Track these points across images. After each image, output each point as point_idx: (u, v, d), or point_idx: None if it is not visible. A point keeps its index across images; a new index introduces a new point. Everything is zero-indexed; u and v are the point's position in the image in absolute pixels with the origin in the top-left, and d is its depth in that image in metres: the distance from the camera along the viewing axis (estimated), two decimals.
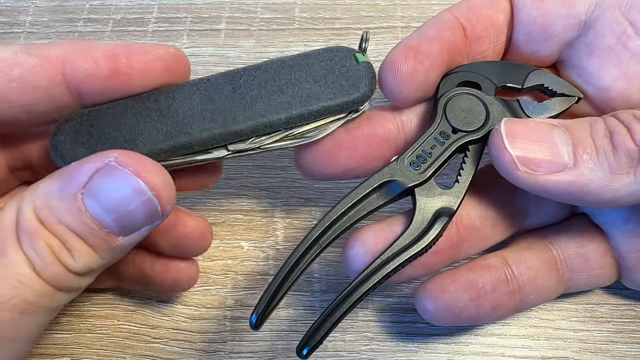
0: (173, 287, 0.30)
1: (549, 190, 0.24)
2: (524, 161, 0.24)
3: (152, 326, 0.31)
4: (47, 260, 0.21)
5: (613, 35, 0.27)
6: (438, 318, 0.28)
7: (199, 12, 0.40)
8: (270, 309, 0.24)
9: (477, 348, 0.31)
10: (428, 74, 0.27)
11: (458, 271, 0.28)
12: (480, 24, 0.28)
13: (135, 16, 0.40)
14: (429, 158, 0.26)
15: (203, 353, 0.31)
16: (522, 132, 0.25)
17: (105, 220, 0.22)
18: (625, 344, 0.30)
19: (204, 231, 0.28)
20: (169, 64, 0.25)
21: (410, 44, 0.27)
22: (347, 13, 0.40)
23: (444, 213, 0.26)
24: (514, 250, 0.29)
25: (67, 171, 0.22)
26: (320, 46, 0.35)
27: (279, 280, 0.24)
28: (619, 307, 0.31)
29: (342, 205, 0.26)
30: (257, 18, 0.40)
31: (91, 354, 0.31)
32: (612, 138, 0.24)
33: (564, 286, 0.29)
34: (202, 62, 0.38)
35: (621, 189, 0.24)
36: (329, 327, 0.24)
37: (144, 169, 0.22)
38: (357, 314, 0.32)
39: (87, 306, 0.32)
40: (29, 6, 0.41)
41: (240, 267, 0.33)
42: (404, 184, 0.26)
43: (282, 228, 0.34)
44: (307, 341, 0.24)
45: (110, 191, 0.22)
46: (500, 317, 0.29)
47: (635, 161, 0.23)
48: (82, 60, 0.24)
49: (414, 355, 0.31)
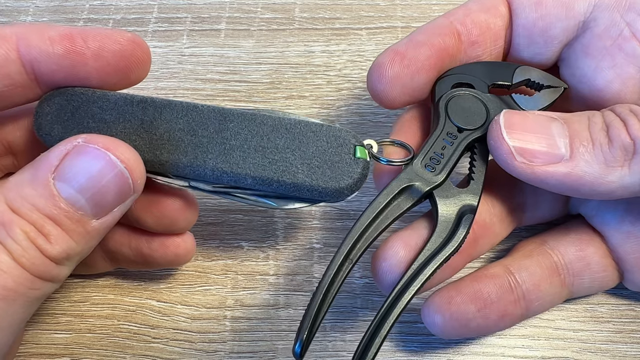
0: (173, 262, 0.30)
1: (545, 180, 0.25)
2: (521, 152, 0.25)
3: (152, 326, 0.31)
4: (23, 245, 0.21)
5: (609, 36, 0.27)
6: (447, 331, 0.28)
7: (199, 12, 0.40)
8: (312, 334, 0.24)
9: (477, 348, 0.31)
10: (414, 79, 0.27)
11: (462, 282, 0.28)
12: (476, 28, 0.28)
13: (135, 16, 0.40)
14: (442, 159, 0.27)
15: (203, 353, 0.31)
16: (520, 124, 0.25)
17: (78, 201, 0.22)
18: (625, 344, 0.30)
19: (186, 202, 0.28)
20: (125, 48, 0.25)
21: (397, 49, 0.27)
22: (347, 13, 0.40)
23: (467, 211, 0.26)
24: (515, 258, 0.29)
25: (36, 160, 0.23)
26: (320, 46, 0.35)
27: (317, 302, 0.24)
28: (619, 307, 0.31)
29: (366, 217, 0.25)
30: (257, 18, 0.40)
31: (91, 354, 0.31)
32: (609, 131, 0.24)
33: (567, 291, 0.30)
34: (202, 62, 0.38)
35: (615, 181, 0.24)
36: (378, 345, 0.24)
37: (113, 144, 0.23)
38: (357, 314, 0.32)
39: (87, 306, 0.32)
40: (29, 6, 0.41)
41: (240, 267, 0.33)
42: (423, 188, 0.26)
43: (282, 228, 0.34)
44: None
45: (81, 169, 0.22)
46: (507, 326, 0.29)
47: (629, 154, 0.24)
48: (37, 39, 0.24)
49: (414, 355, 0.31)
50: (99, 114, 0.25)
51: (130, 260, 0.30)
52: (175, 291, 0.32)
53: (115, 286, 0.32)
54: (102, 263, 0.30)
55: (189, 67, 0.38)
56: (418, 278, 0.25)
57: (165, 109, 0.26)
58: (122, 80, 0.26)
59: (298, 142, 0.26)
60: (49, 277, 0.23)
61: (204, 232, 0.34)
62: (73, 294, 0.32)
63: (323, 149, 0.26)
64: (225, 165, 0.25)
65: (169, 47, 0.39)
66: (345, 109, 0.37)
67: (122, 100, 0.26)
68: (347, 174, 0.25)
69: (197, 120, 0.26)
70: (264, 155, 0.25)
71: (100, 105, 0.25)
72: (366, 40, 0.39)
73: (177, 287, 0.32)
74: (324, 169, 0.25)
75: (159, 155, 0.25)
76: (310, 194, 0.25)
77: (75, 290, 0.32)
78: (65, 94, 0.25)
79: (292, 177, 0.25)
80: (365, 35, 0.39)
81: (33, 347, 0.31)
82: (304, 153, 0.26)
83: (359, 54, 0.39)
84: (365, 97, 0.37)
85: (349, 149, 0.26)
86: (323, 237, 0.33)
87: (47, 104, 0.25)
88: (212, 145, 0.25)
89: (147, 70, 0.27)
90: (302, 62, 0.38)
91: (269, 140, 0.26)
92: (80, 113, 0.25)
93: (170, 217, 0.28)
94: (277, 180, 0.25)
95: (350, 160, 0.26)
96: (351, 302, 0.32)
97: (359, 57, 0.38)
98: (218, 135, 0.26)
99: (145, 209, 0.28)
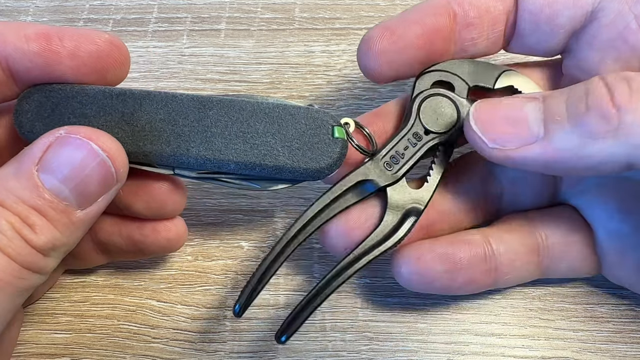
0: (166, 247, 0.30)
1: (522, 163, 0.25)
2: (493, 138, 0.25)
3: (152, 326, 0.31)
4: (9, 235, 0.22)
5: (615, 28, 0.26)
6: (410, 283, 0.28)
7: (199, 12, 0.40)
8: (251, 300, 0.26)
9: (477, 348, 0.31)
10: (401, 56, 0.27)
11: (438, 241, 0.29)
12: (474, 10, 0.27)
13: (135, 16, 0.40)
14: (402, 159, 0.28)
15: (203, 353, 0.31)
16: (491, 111, 0.26)
17: (62, 192, 0.23)
18: (625, 344, 0.30)
19: (174, 185, 0.29)
20: (101, 48, 0.25)
21: (388, 25, 0.27)
22: (347, 13, 0.40)
23: (413, 212, 0.27)
24: (499, 229, 0.29)
25: (20, 154, 0.23)
26: (320, 46, 0.35)
27: (260, 273, 0.26)
28: (619, 307, 0.31)
29: (319, 204, 0.27)
30: (257, 18, 0.40)
31: (91, 354, 0.31)
32: (587, 100, 0.23)
33: (541, 272, 0.30)
34: (202, 62, 0.38)
35: (595, 155, 0.23)
36: (304, 319, 0.26)
37: (95, 134, 0.23)
38: (357, 314, 0.32)
39: (87, 306, 0.32)
40: (29, 6, 0.41)
41: (240, 267, 0.33)
42: (378, 184, 0.27)
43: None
44: (284, 329, 0.26)
45: (64, 160, 0.23)
46: (472, 291, 0.29)
47: (613, 124, 0.22)
48: (13, 36, 0.24)
49: (414, 355, 0.31)
50: (79, 109, 0.26)
51: (122, 249, 0.30)
52: (175, 291, 0.32)
53: (115, 286, 0.32)
54: (95, 256, 0.30)
55: (189, 67, 0.38)
56: (352, 267, 0.27)
57: (144, 100, 0.26)
58: (99, 80, 0.26)
59: (277, 126, 0.26)
60: (36, 268, 0.23)
61: (204, 232, 0.34)
62: (73, 294, 0.32)
63: (302, 131, 0.26)
64: (207, 153, 0.26)
65: (169, 47, 0.39)
66: (345, 109, 0.37)
67: (100, 93, 0.26)
68: (326, 154, 0.26)
69: (177, 110, 0.26)
70: (245, 140, 0.26)
71: (79, 100, 0.26)
72: None
73: (177, 287, 0.32)
74: (304, 151, 0.26)
75: (142, 147, 0.26)
76: (292, 175, 0.26)
77: (75, 290, 0.32)
78: (43, 91, 0.25)
79: (273, 160, 0.26)
80: None
81: (33, 347, 0.31)
82: (284, 136, 0.26)
83: None
84: (365, 97, 0.37)
85: (327, 130, 0.27)
86: None
87: (26, 101, 0.25)
88: (194, 133, 0.26)
89: (126, 71, 0.27)
90: (302, 62, 0.38)
91: (249, 125, 0.26)
92: (60, 109, 0.25)
93: (159, 200, 0.28)
94: (260, 164, 0.26)
95: (329, 141, 0.27)
96: (351, 302, 0.32)
97: None
98: (199, 124, 0.26)
99: (134, 194, 0.28)
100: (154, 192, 0.28)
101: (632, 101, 0.22)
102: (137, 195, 0.28)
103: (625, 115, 0.22)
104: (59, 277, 0.32)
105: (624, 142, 0.22)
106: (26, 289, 0.23)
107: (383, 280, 0.32)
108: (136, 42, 0.39)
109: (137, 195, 0.28)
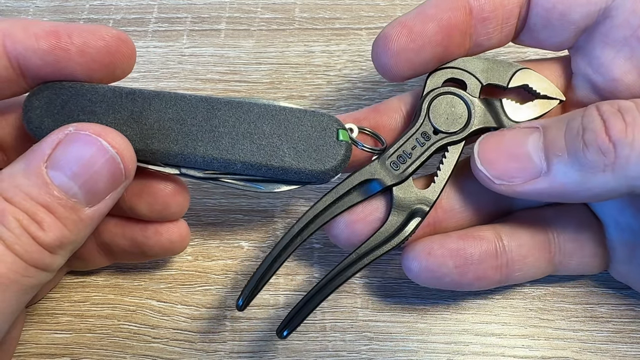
0: (168, 249, 0.30)
1: (529, 196, 0.25)
2: (498, 176, 0.25)
3: (152, 326, 0.31)
4: (16, 232, 0.22)
5: (629, 26, 0.26)
6: (420, 278, 0.28)
7: (199, 12, 0.40)
8: (254, 295, 0.26)
9: (477, 348, 0.31)
10: (420, 54, 0.26)
11: (449, 237, 0.28)
12: (489, 4, 0.27)
13: (135, 16, 0.40)
14: (409, 159, 0.27)
15: (203, 353, 0.31)
16: (495, 148, 0.26)
17: (71, 188, 0.22)
18: (625, 344, 0.30)
19: (178, 187, 0.29)
20: (109, 44, 0.25)
21: (405, 21, 0.26)
22: (347, 13, 0.40)
23: (418, 213, 0.27)
24: (510, 226, 0.29)
25: (29, 151, 0.23)
26: (320, 46, 0.35)
27: (264, 268, 0.26)
28: (619, 307, 0.31)
29: (324, 201, 0.27)
30: (257, 18, 0.40)
31: (91, 354, 0.31)
32: (584, 135, 0.23)
33: (552, 269, 0.30)
34: (202, 62, 0.38)
35: (597, 187, 0.23)
36: (305, 315, 0.26)
37: (104, 131, 0.23)
38: (357, 314, 0.32)
39: (87, 306, 0.32)
40: (29, 6, 0.41)
41: (240, 267, 0.33)
42: (384, 183, 0.27)
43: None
44: (286, 325, 0.26)
45: (73, 156, 0.23)
46: (482, 287, 0.29)
47: (610, 158, 0.23)
48: (22, 35, 0.24)
49: (414, 355, 0.31)
50: (89, 107, 0.26)
51: (125, 251, 0.30)
52: (175, 291, 0.32)
53: (115, 286, 0.32)
54: (98, 257, 0.30)
55: (189, 67, 0.38)
56: (355, 265, 0.27)
57: (154, 99, 0.26)
58: (108, 75, 0.26)
59: (284, 128, 0.27)
60: (43, 265, 0.23)
61: (204, 232, 0.34)
62: (73, 294, 0.32)
63: (308, 134, 0.27)
64: (215, 152, 0.26)
65: (169, 47, 0.39)
66: (345, 109, 0.37)
67: (110, 92, 0.26)
68: (331, 156, 0.27)
69: (185, 110, 0.26)
70: (251, 141, 0.26)
71: (89, 98, 0.26)
72: (366, 40, 0.39)
73: (177, 287, 0.32)
74: (309, 153, 0.27)
75: (150, 145, 0.26)
76: (297, 176, 0.27)
77: (75, 290, 0.32)
78: (53, 88, 0.26)
79: (279, 161, 0.26)
80: (365, 36, 0.39)
81: (33, 347, 0.31)
82: (290, 138, 0.27)
83: (359, 54, 0.39)
84: (365, 97, 0.37)
85: (332, 133, 0.27)
86: (323, 237, 0.33)
87: (35, 97, 0.25)
88: (202, 133, 0.26)
89: (132, 65, 0.27)
90: (302, 62, 0.38)
91: (256, 126, 0.27)
92: (69, 106, 0.25)
93: (162, 202, 0.28)
94: (266, 164, 0.26)
95: (334, 143, 0.27)
96: (351, 302, 0.32)
97: (359, 57, 0.38)
98: (207, 123, 0.26)
99: (138, 196, 0.28)
100: (158, 193, 0.28)
101: (627, 134, 0.23)
102: (141, 197, 0.28)
103: (621, 149, 0.23)
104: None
105: (623, 175, 0.23)
106: (32, 287, 0.23)
107: (383, 280, 0.32)
108: (136, 42, 0.39)
109: (141, 197, 0.28)
